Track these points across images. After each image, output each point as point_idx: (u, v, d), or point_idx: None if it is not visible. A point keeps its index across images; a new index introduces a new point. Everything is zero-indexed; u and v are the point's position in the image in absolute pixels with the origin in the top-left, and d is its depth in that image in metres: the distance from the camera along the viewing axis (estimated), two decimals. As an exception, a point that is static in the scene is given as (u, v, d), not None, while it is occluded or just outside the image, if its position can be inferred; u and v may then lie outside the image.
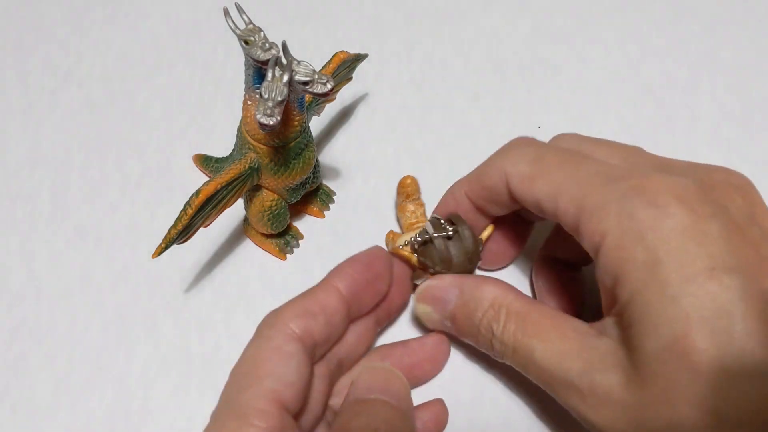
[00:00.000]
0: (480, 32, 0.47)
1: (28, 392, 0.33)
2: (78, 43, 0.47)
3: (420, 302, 0.32)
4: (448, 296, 0.30)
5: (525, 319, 0.28)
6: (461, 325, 0.30)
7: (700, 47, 0.46)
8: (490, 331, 0.29)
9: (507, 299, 0.29)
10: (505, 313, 0.28)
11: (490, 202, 0.31)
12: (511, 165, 0.29)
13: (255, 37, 0.28)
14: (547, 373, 0.26)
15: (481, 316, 0.29)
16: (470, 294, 0.30)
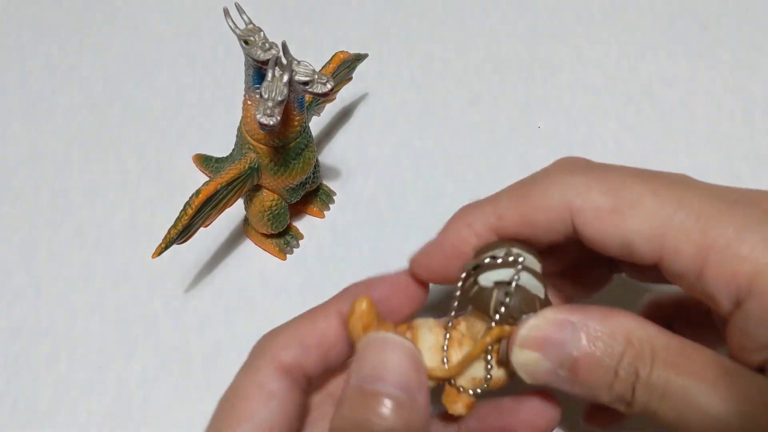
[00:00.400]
0: (480, 32, 0.47)
1: (28, 392, 0.33)
2: (78, 43, 0.47)
3: (523, 349, 0.23)
4: (563, 336, 0.22)
5: (676, 354, 0.21)
6: (587, 372, 0.22)
7: (698, 47, 0.46)
8: (633, 373, 0.21)
9: (647, 332, 0.22)
10: (650, 350, 0.21)
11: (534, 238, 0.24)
12: (579, 195, 0.23)
13: (255, 37, 0.28)
14: (716, 420, 0.20)
15: (619, 357, 0.21)
16: (597, 329, 0.22)
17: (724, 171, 0.39)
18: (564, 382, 0.23)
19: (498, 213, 0.24)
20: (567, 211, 0.23)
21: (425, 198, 0.38)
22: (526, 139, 0.41)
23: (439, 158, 0.41)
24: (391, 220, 0.38)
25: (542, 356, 0.23)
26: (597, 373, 0.22)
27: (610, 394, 0.22)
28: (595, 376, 0.22)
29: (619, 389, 0.22)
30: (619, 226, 0.22)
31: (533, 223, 0.23)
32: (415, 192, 0.39)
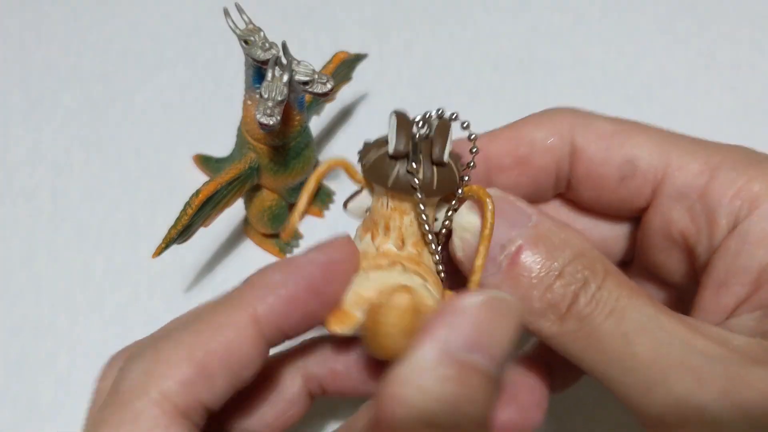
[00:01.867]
0: (479, 32, 0.47)
1: (28, 392, 0.33)
2: (78, 43, 0.47)
3: (471, 211, 0.21)
4: (516, 218, 0.20)
5: (628, 281, 0.20)
6: (525, 266, 0.20)
7: (697, 46, 0.46)
8: (580, 280, 0.19)
9: (602, 256, 0.20)
10: (603, 268, 0.20)
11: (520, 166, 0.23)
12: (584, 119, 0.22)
13: (255, 37, 0.28)
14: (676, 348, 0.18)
15: (566, 263, 0.19)
16: (552, 229, 0.20)
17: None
18: (495, 272, 0.20)
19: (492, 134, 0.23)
20: (568, 132, 0.22)
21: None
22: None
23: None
24: (391, 220, 0.38)
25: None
26: (537, 269, 0.19)
27: (543, 298, 0.19)
28: (535, 272, 0.19)
29: (558, 294, 0.19)
30: (625, 143, 0.21)
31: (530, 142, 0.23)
32: (415, 192, 0.39)
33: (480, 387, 0.16)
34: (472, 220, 0.20)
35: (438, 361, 0.16)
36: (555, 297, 0.19)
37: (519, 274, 0.20)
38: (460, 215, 0.21)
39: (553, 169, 0.22)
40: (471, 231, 0.20)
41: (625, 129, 0.22)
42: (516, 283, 0.20)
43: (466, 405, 0.16)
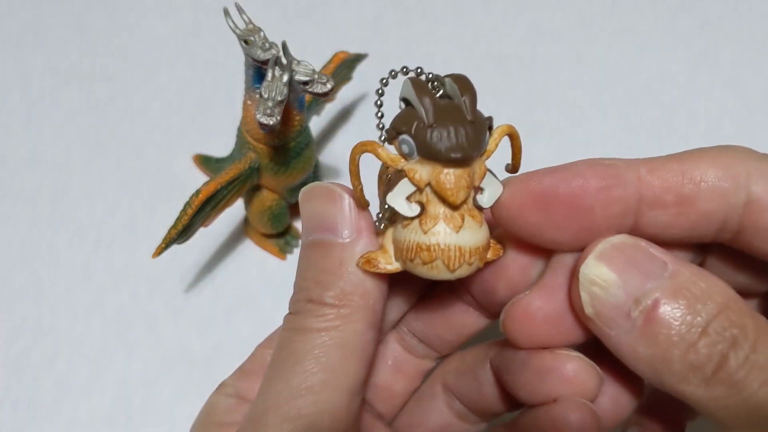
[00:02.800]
0: (480, 32, 0.47)
1: (28, 392, 0.33)
2: (78, 43, 0.47)
3: (601, 261, 0.18)
4: (652, 269, 0.18)
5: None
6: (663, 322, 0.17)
7: (698, 45, 0.46)
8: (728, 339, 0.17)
9: (750, 308, 0.18)
10: (754, 324, 0.17)
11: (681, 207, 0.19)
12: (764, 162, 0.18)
13: (255, 37, 0.28)
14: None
15: (710, 318, 0.17)
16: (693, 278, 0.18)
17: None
18: (628, 330, 0.18)
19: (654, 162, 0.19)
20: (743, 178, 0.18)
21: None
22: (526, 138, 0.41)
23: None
24: (391, 220, 0.38)
25: (620, 281, 0.18)
26: (677, 325, 0.17)
27: (687, 358, 0.17)
28: (675, 329, 0.17)
29: (703, 354, 0.17)
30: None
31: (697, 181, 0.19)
32: (415, 192, 0.39)
33: None
34: (603, 273, 0.18)
35: None
36: (700, 358, 0.17)
37: (657, 331, 0.17)
38: (587, 266, 0.18)
39: (720, 216, 0.19)
40: (601, 286, 0.18)
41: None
42: (653, 341, 0.18)
43: None
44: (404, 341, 0.24)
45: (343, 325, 0.19)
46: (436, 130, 0.19)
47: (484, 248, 0.19)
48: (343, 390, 0.19)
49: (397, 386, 0.24)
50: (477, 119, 0.19)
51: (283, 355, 0.19)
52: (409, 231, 0.19)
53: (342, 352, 0.19)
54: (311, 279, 0.20)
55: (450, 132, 0.19)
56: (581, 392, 0.20)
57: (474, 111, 0.19)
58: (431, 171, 0.19)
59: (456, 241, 0.19)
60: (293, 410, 0.18)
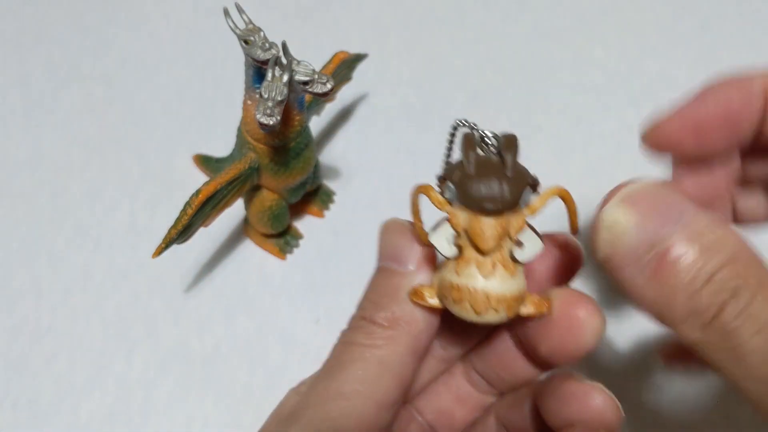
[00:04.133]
0: (479, 32, 0.47)
1: (28, 392, 0.33)
2: (78, 43, 0.47)
3: (624, 205, 0.19)
4: (671, 215, 0.19)
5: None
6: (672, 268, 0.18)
7: (698, 47, 0.46)
8: (728, 291, 0.18)
9: (761, 260, 0.19)
10: (758, 277, 0.18)
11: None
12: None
13: (255, 37, 0.28)
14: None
15: (719, 266, 0.18)
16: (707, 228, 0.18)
17: (724, 171, 0.39)
18: (638, 273, 0.19)
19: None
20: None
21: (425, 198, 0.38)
22: (526, 138, 0.41)
23: (440, 158, 0.41)
24: (391, 220, 0.38)
25: (638, 224, 0.19)
26: (686, 272, 0.18)
27: (687, 304, 0.18)
28: (683, 274, 0.18)
29: (704, 300, 0.18)
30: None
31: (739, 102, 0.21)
32: (415, 192, 0.39)
33: None
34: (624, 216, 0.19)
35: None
36: (701, 305, 0.18)
37: (666, 276, 0.18)
38: (610, 208, 0.19)
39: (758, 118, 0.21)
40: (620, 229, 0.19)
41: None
42: (661, 285, 0.19)
43: None
44: (469, 375, 0.25)
45: (386, 345, 0.21)
46: (474, 181, 0.20)
47: (513, 299, 0.20)
48: (373, 402, 0.20)
49: (458, 414, 0.25)
50: (516, 175, 0.21)
51: (331, 363, 0.21)
52: (447, 270, 0.21)
53: (379, 369, 0.20)
54: (369, 299, 0.22)
55: (486, 185, 0.20)
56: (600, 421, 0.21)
57: (515, 167, 0.21)
58: (468, 218, 0.20)
59: (483, 286, 0.20)
60: (324, 412, 0.20)
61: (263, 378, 0.33)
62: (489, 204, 0.20)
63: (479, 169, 0.21)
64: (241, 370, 0.33)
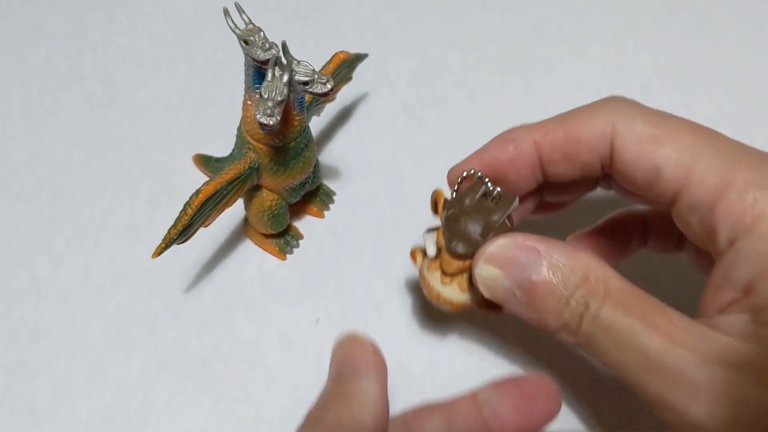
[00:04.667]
0: (479, 32, 0.47)
1: (28, 392, 0.33)
2: (78, 43, 0.47)
3: (489, 264, 0.25)
4: (529, 260, 0.24)
5: (628, 297, 0.23)
6: (541, 297, 0.24)
7: (696, 45, 0.46)
8: (583, 305, 0.23)
9: (605, 273, 0.24)
10: (604, 289, 0.23)
11: (569, 161, 0.26)
12: (624, 120, 0.25)
13: (255, 37, 0.28)
14: (652, 359, 0.22)
15: (573, 289, 0.23)
16: (560, 261, 0.24)
17: (724, 171, 0.39)
18: (518, 304, 0.25)
19: (545, 129, 0.26)
20: (609, 133, 0.25)
21: (425, 198, 0.38)
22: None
23: (440, 158, 0.41)
24: (391, 220, 0.38)
25: (504, 274, 0.25)
26: (550, 300, 0.24)
27: (557, 320, 0.24)
28: (548, 302, 0.24)
29: (567, 317, 0.24)
30: (654, 151, 0.24)
31: (577, 140, 0.26)
32: (415, 192, 0.39)
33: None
34: (491, 272, 0.25)
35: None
36: (566, 320, 0.24)
37: (536, 303, 0.24)
38: (479, 269, 0.26)
39: (598, 163, 0.26)
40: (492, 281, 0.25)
41: (660, 134, 0.24)
42: (534, 310, 0.24)
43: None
44: None
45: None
46: (454, 232, 0.26)
47: (459, 305, 0.27)
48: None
49: None
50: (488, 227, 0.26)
51: None
52: (426, 260, 0.28)
53: None
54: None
55: (460, 240, 0.26)
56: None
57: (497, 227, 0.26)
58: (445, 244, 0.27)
59: (439, 288, 0.28)
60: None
61: (263, 378, 0.33)
62: (456, 253, 0.26)
63: (465, 219, 0.26)
64: (241, 371, 0.33)
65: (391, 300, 0.35)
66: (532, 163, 0.27)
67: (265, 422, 0.32)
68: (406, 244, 0.37)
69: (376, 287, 0.35)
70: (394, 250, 0.37)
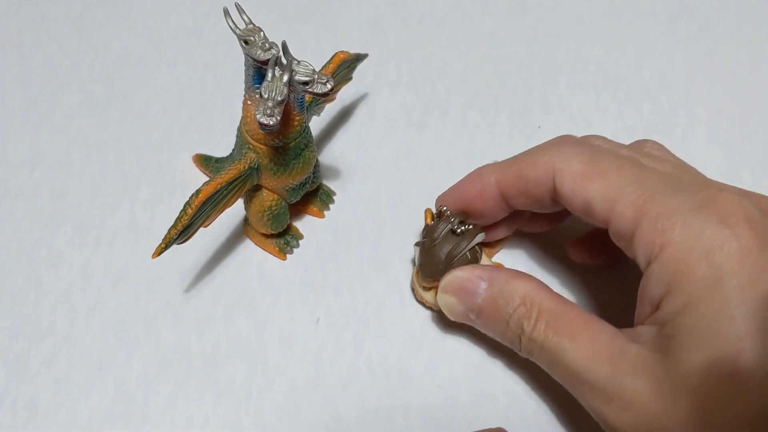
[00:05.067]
0: (479, 32, 0.47)
1: (28, 392, 0.33)
2: (78, 43, 0.47)
3: (445, 293, 0.31)
4: (475, 288, 0.30)
5: (557, 318, 0.27)
6: (488, 319, 0.29)
7: (698, 47, 0.46)
8: (519, 327, 0.28)
9: (539, 297, 0.28)
10: (537, 311, 0.28)
11: (523, 196, 0.31)
12: (562, 161, 0.28)
13: (255, 37, 0.28)
14: (575, 373, 0.26)
15: (511, 312, 0.28)
16: (500, 288, 0.29)
17: (723, 171, 0.39)
18: (475, 324, 0.31)
19: (502, 170, 0.31)
20: (551, 172, 0.29)
21: (425, 198, 0.38)
22: (526, 138, 0.41)
23: (439, 158, 0.41)
24: (391, 220, 0.38)
25: (458, 301, 0.30)
26: (496, 322, 0.29)
27: (504, 339, 0.30)
28: (494, 324, 0.29)
29: (510, 337, 0.29)
30: (586, 188, 0.27)
31: (526, 178, 0.30)
32: (415, 192, 0.39)
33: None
34: (448, 299, 0.31)
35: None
36: (510, 338, 0.29)
37: (488, 322, 0.30)
38: (439, 296, 0.31)
39: (548, 197, 0.30)
40: (450, 306, 0.31)
41: (592, 172, 0.28)
42: (489, 327, 0.30)
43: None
44: None
45: None
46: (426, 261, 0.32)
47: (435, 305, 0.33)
48: None
49: None
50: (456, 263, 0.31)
51: None
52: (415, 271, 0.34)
53: None
54: None
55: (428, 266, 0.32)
56: None
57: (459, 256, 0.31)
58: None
59: (422, 292, 0.34)
60: None
61: (263, 378, 0.33)
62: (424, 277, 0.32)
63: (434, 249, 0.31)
64: (241, 370, 0.33)
65: (391, 300, 0.35)
66: (495, 197, 0.31)
67: (265, 422, 0.32)
68: (406, 244, 0.37)
69: (376, 287, 0.35)
70: (394, 250, 0.37)
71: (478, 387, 0.32)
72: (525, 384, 0.32)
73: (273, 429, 0.31)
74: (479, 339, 0.34)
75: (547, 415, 0.32)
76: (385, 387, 0.32)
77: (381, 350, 0.34)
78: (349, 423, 0.31)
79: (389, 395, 0.32)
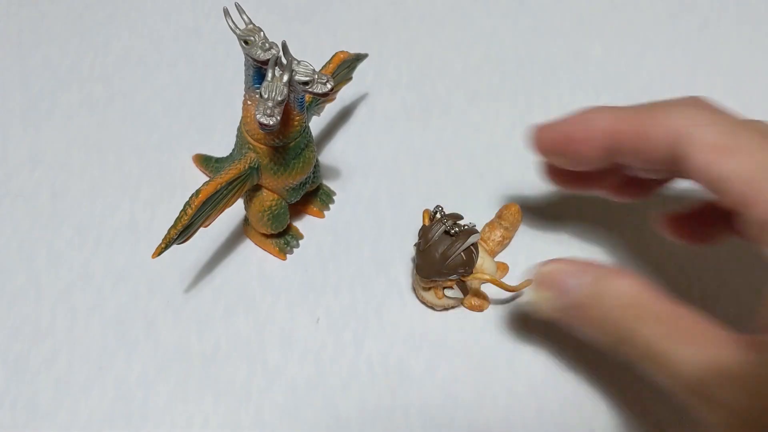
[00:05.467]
0: (479, 32, 0.47)
1: (28, 392, 0.33)
2: (78, 43, 0.47)
3: (539, 288, 0.28)
4: (574, 283, 0.26)
5: (672, 322, 0.24)
6: (589, 318, 0.26)
7: (698, 46, 0.46)
8: (628, 330, 0.25)
9: (650, 298, 0.25)
10: (649, 313, 0.24)
11: (637, 154, 0.27)
12: (696, 127, 0.25)
13: (255, 37, 0.28)
14: (687, 385, 0.23)
15: (619, 314, 0.25)
16: (605, 285, 0.26)
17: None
18: (572, 319, 0.27)
19: (618, 120, 0.27)
20: (679, 136, 0.25)
21: (425, 198, 0.38)
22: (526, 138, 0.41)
23: (440, 158, 0.41)
24: (391, 220, 0.38)
25: (555, 295, 0.27)
26: (599, 321, 0.26)
27: (605, 340, 0.26)
28: (597, 323, 0.26)
29: (612, 338, 0.26)
30: (721, 163, 0.24)
31: (646, 136, 0.26)
32: (415, 192, 0.39)
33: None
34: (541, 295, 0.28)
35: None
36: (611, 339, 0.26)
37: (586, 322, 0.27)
38: (531, 293, 0.28)
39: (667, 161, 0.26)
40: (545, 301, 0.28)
41: (731, 146, 0.24)
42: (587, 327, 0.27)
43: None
44: None
45: None
46: (421, 252, 0.32)
47: (438, 305, 0.34)
48: None
49: None
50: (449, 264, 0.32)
51: None
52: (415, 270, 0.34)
53: None
54: None
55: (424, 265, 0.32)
56: None
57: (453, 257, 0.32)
58: None
59: (422, 292, 0.34)
60: None
61: (263, 378, 0.33)
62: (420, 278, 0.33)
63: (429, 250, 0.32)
64: (241, 370, 0.33)
65: (391, 300, 0.35)
66: (602, 145, 0.28)
67: (265, 422, 0.32)
68: (406, 244, 0.37)
69: (376, 287, 0.35)
70: (394, 250, 0.37)
71: (478, 387, 0.32)
72: (525, 383, 0.32)
73: (273, 429, 0.31)
74: (479, 339, 0.34)
75: (548, 415, 0.32)
76: (385, 387, 0.32)
77: (381, 350, 0.33)
78: (349, 423, 0.31)
79: (389, 395, 0.32)
